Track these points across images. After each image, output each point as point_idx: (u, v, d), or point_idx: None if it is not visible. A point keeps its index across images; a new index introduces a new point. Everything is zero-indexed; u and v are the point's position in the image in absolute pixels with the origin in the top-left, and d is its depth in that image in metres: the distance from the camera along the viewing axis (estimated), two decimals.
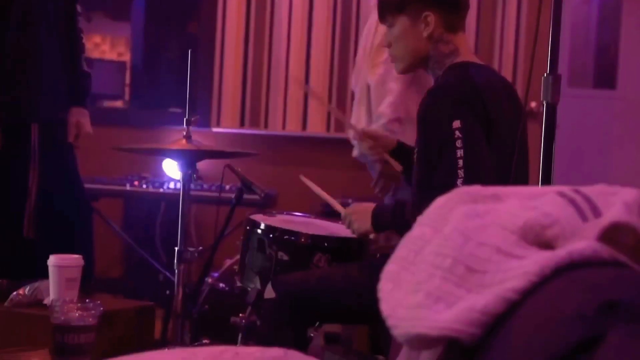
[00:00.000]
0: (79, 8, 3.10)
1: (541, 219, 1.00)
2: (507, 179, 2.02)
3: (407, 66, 2.32)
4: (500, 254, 0.98)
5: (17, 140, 2.88)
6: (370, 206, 2.28)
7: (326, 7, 4.69)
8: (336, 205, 2.54)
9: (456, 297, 0.97)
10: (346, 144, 4.84)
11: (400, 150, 2.52)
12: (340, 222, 2.71)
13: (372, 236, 2.31)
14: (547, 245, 0.99)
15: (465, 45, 2.29)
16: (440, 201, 1.12)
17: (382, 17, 2.30)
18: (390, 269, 1.09)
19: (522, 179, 2.22)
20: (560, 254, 0.94)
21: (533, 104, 4.36)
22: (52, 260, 2.24)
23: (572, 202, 1.01)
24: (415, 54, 2.27)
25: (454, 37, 2.26)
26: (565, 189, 1.03)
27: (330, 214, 4.21)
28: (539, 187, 1.09)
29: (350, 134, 2.50)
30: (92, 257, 3.05)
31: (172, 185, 4.28)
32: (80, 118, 3.07)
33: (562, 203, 1.01)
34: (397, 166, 2.50)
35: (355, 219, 2.29)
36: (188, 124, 2.41)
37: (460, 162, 2.04)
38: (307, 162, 4.79)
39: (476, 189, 1.11)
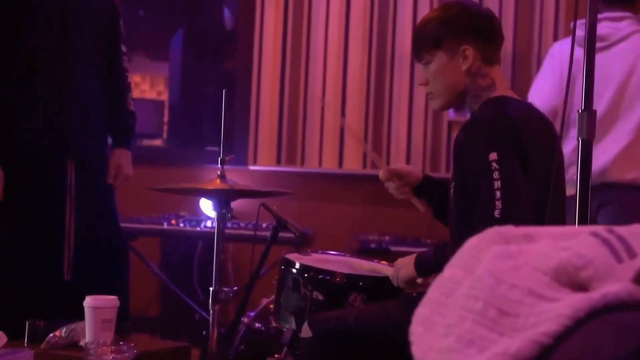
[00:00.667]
0: (124, 48, 3.14)
1: (574, 260, 0.98)
2: (543, 214, 2.00)
3: (446, 103, 2.32)
4: (533, 296, 0.97)
5: (53, 177, 2.89)
6: (414, 255, 2.28)
7: (362, 41, 4.72)
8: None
9: (488, 341, 0.96)
10: (381, 181, 4.84)
11: (427, 184, 2.51)
12: (376, 261, 2.70)
13: (419, 281, 2.30)
14: (580, 287, 0.97)
15: (502, 79, 2.29)
16: (471, 242, 1.11)
17: (418, 55, 2.30)
18: (421, 311, 1.08)
19: (558, 215, 2.20)
20: (594, 296, 0.92)
21: None
22: (88, 301, 2.25)
23: (606, 242, 0.99)
24: (454, 89, 2.27)
25: (491, 70, 2.26)
26: (599, 228, 1.02)
27: (366, 253, 4.21)
28: (572, 227, 1.08)
29: (380, 174, 2.51)
30: (128, 297, 3.07)
31: (209, 224, 4.30)
32: (122, 159, 3.08)
33: (596, 243, 0.99)
34: (421, 207, 2.50)
35: (399, 268, 2.30)
36: (222, 163, 2.42)
37: (498, 193, 2.03)
38: (343, 199, 4.79)
39: (508, 229, 1.10)
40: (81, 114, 2.94)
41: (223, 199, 2.38)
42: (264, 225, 4.19)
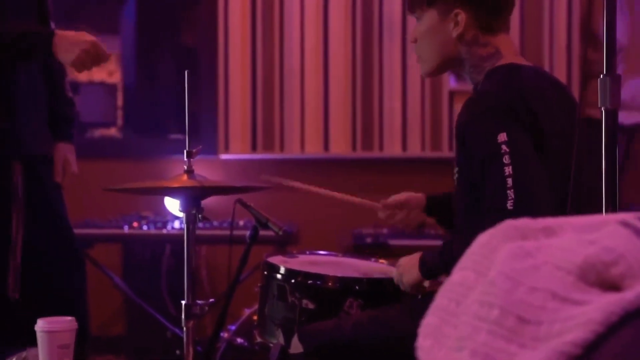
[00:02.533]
0: (52, 25, 3.13)
1: (603, 255, 0.98)
2: (565, 200, 2.01)
3: (433, 68, 2.35)
4: (557, 299, 0.97)
5: None
6: (417, 254, 2.29)
7: (344, 4, 4.70)
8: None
9: (507, 355, 0.96)
10: (376, 164, 4.87)
11: (432, 203, 2.55)
12: (373, 260, 2.71)
13: (426, 284, 2.31)
14: (611, 285, 0.97)
15: (509, 46, 2.29)
16: (483, 239, 1.11)
17: (411, 8, 2.34)
18: (429, 321, 1.08)
19: (588, 201, 2.21)
20: (628, 296, 0.93)
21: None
22: (41, 325, 2.25)
23: (639, 232, 0.99)
24: (442, 56, 2.30)
25: (493, 39, 2.27)
26: (629, 217, 1.02)
27: (360, 249, 4.22)
28: (598, 217, 1.08)
29: (380, 214, 2.57)
30: (87, 315, 3.06)
31: (176, 224, 4.30)
32: (68, 154, 3.08)
33: (627, 234, 0.99)
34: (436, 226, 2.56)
35: (403, 272, 2.30)
36: (189, 155, 2.41)
37: (509, 180, 2.04)
38: (331, 188, 4.77)
39: (524, 222, 1.10)
40: (25, 108, 2.93)
41: (192, 197, 2.37)
42: (242, 223, 4.19)
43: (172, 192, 2.54)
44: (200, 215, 2.43)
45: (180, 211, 2.44)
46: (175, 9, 5.74)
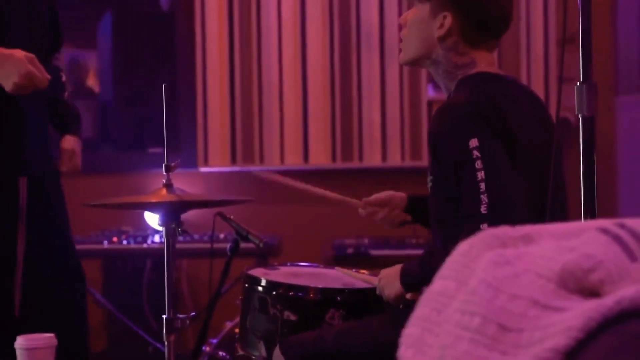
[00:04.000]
0: (61, 43, 3.16)
1: (582, 261, 0.99)
2: (537, 207, 2.02)
3: (409, 59, 2.38)
4: (537, 307, 0.97)
5: (2, 197, 2.85)
6: (398, 266, 2.29)
7: (321, 14, 4.71)
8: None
9: None
10: (355, 174, 4.87)
11: (414, 202, 2.56)
12: (354, 270, 2.71)
13: (408, 296, 2.31)
14: (591, 292, 0.98)
15: (486, 59, 2.30)
16: (463, 247, 1.11)
17: None
18: (410, 332, 1.08)
19: (558, 210, 2.22)
20: (607, 303, 0.93)
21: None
22: (20, 342, 2.23)
23: (617, 239, 1.00)
24: (420, 50, 2.33)
25: (472, 51, 2.28)
26: (608, 223, 1.02)
27: (342, 260, 4.21)
28: (577, 224, 1.08)
29: (360, 212, 2.56)
30: (87, 331, 3.05)
31: (157, 238, 4.28)
32: (75, 146, 3.10)
33: (606, 241, 1.00)
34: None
35: (384, 285, 2.31)
36: (168, 170, 2.41)
37: (482, 185, 2.05)
38: (312, 199, 4.78)
39: (503, 230, 1.11)
40: (32, 123, 2.92)
41: (171, 211, 2.37)
42: (222, 236, 4.18)
43: (151, 206, 2.53)
44: (180, 229, 2.43)
45: (160, 225, 2.44)
46: (151, 24, 5.74)
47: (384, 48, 4.72)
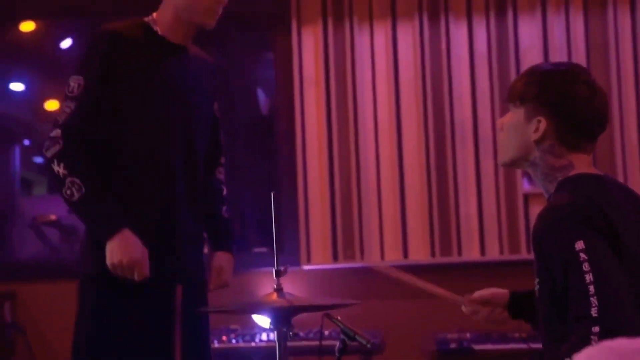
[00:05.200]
0: (223, 159, 3.23)
1: None
2: None
3: (509, 161, 2.38)
4: None
5: (162, 304, 2.92)
6: None
7: (415, 113, 4.76)
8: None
9: None
10: (455, 269, 4.83)
11: (517, 300, 2.53)
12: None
13: None
14: None
15: (584, 161, 2.29)
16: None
17: (508, 98, 2.38)
18: None
19: None
20: None
21: None
22: None
23: None
24: (517, 153, 2.33)
25: (571, 155, 2.27)
26: None
27: (445, 354, 4.16)
28: None
29: (464, 309, 2.55)
30: None
31: (264, 336, 4.30)
32: (224, 263, 3.12)
33: None
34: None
35: None
36: (278, 275, 2.44)
37: (591, 288, 2.02)
38: (413, 294, 4.72)
39: (619, 343, 1.10)
40: (190, 233, 3.00)
41: (283, 315, 2.39)
42: (327, 332, 4.17)
43: (263, 311, 2.56)
44: (291, 333, 2.45)
45: (271, 329, 2.46)
46: (252, 125, 5.85)
47: (478, 143, 4.73)
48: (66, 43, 5.79)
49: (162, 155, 2.93)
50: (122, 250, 2.77)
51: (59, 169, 2.81)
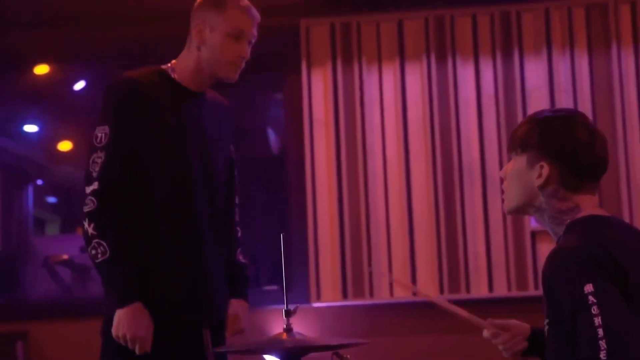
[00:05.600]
0: (237, 199, 3.22)
1: None
2: None
3: (514, 208, 2.38)
4: None
5: (191, 347, 2.95)
6: None
7: (424, 154, 4.78)
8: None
9: None
10: (463, 306, 4.79)
11: (536, 334, 2.52)
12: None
13: None
14: None
15: (590, 202, 2.31)
16: None
17: (509, 148, 2.40)
18: None
19: None
20: None
21: None
22: None
23: None
24: (523, 199, 2.34)
25: (576, 197, 2.29)
26: None
27: None
28: None
29: (485, 333, 2.53)
30: None
31: None
32: (239, 310, 3.12)
33: None
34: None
35: None
36: (288, 315, 2.46)
37: (600, 331, 2.02)
38: (421, 330, 4.76)
39: None
40: (215, 277, 3.02)
41: (292, 356, 2.40)
42: None
43: (273, 351, 2.57)
44: None
45: None
46: (263, 166, 5.88)
47: (486, 182, 4.75)
48: (79, 85, 5.84)
49: (187, 203, 2.94)
50: (129, 323, 2.81)
51: (88, 228, 2.84)
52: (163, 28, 3.14)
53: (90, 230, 2.83)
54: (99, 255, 2.82)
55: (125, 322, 2.81)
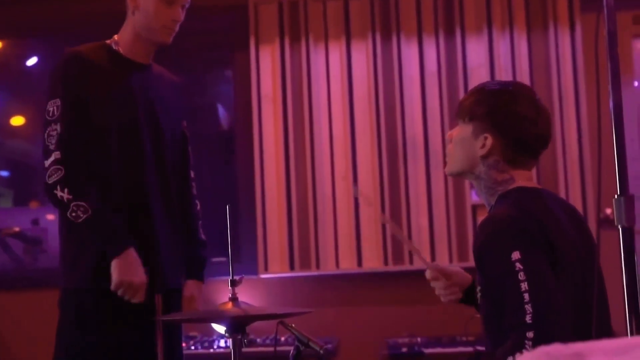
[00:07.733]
0: (192, 174, 3.20)
1: None
2: (583, 315, 1.98)
3: (455, 172, 2.41)
4: None
5: (143, 311, 2.90)
6: None
7: (369, 130, 4.76)
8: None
9: None
10: (406, 277, 4.83)
11: (475, 289, 2.50)
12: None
13: None
14: None
15: (524, 176, 2.31)
16: None
17: (458, 115, 2.40)
18: None
19: (603, 321, 2.18)
20: None
21: (608, 211, 4.33)
22: None
23: None
24: (464, 166, 2.36)
25: (514, 171, 2.29)
26: None
27: (397, 358, 4.15)
28: (628, 339, 1.06)
29: (427, 273, 2.50)
30: None
31: (222, 343, 4.26)
32: (195, 292, 3.12)
33: None
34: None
35: None
36: (233, 284, 2.42)
37: (526, 296, 2.03)
38: (366, 301, 4.76)
39: (556, 349, 1.09)
40: (164, 243, 2.99)
41: (237, 324, 2.37)
42: (282, 339, 4.15)
43: (218, 319, 2.53)
44: (245, 340, 2.42)
45: (227, 336, 2.43)
46: (214, 140, 5.82)
47: (429, 157, 4.74)
48: (31, 61, 5.74)
49: (137, 170, 2.93)
50: (127, 271, 2.80)
51: (62, 194, 2.81)
52: (115, 4, 3.09)
53: (65, 196, 2.80)
54: (81, 214, 2.79)
55: (125, 268, 2.80)
